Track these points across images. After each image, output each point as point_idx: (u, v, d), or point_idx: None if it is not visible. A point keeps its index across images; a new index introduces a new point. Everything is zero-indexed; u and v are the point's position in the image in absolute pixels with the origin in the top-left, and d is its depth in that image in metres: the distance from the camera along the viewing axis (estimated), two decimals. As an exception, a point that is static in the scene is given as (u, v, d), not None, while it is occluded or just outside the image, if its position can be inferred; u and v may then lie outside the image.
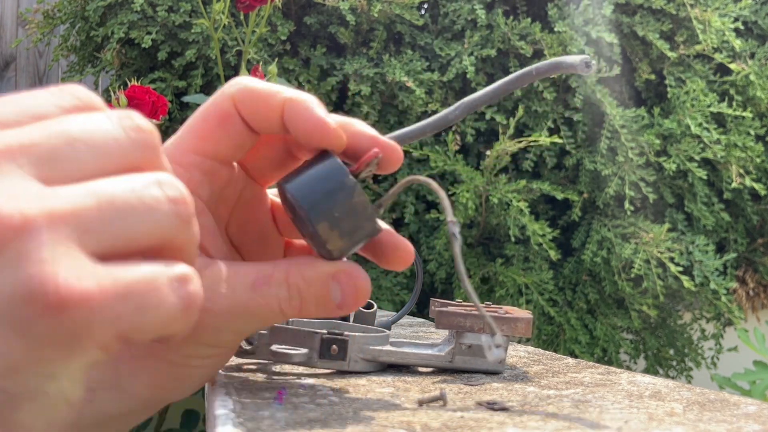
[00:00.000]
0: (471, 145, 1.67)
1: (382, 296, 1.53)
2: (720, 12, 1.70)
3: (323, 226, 0.29)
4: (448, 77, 1.58)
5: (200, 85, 1.53)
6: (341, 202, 0.29)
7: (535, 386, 0.38)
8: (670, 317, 1.76)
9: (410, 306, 0.57)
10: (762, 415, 0.32)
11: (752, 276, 1.94)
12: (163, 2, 1.50)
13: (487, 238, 1.68)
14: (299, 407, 0.31)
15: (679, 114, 1.64)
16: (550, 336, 1.60)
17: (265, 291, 0.30)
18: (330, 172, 0.30)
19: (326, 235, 0.29)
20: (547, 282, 1.57)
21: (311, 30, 1.64)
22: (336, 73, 1.58)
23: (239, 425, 0.28)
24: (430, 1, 1.70)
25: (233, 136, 0.31)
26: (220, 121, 0.31)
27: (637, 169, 1.61)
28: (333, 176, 0.29)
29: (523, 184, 1.51)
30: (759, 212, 1.82)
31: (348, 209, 0.29)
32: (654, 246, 1.54)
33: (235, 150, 0.32)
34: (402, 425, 0.28)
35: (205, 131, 0.31)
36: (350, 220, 0.29)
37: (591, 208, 1.70)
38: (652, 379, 0.41)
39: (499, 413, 0.31)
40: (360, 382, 0.37)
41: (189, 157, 0.31)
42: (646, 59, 1.71)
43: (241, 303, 0.30)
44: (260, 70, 0.96)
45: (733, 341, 1.87)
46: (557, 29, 1.58)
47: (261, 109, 0.30)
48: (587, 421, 0.30)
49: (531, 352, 0.52)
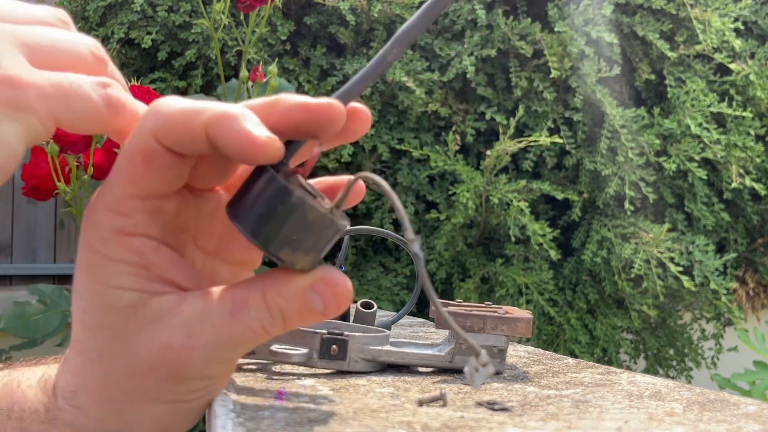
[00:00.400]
0: (471, 145, 1.67)
1: (382, 296, 1.53)
2: (720, 12, 1.70)
3: (285, 253, 0.28)
4: (448, 77, 1.58)
5: (200, 85, 1.53)
6: (295, 224, 0.28)
7: (535, 386, 0.38)
8: (670, 317, 1.76)
9: (410, 306, 0.57)
10: (762, 415, 0.32)
11: (752, 276, 1.94)
12: (163, 2, 1.50)
13: (487, 238, 1.68)
14: (299, 407, 0.31)
15: (679, 114, 1.64)
16: (550, 336, 1.60)
17: (244, 316, 0.29)
18: (274, 196, 0.28)
19: (291, 258, 0.28)
20: (547, 282, 1.57)
21: (311, 30, 1.64)
22: (336, 73, 1.58)
23: (239, 425, 0.28)
24: (430, 1, 1.70)
25: (165, 170, 0.29)
26: (146, 161, 0.29)
27: (637, 169, 1.61)
28: (279, 200, 0.27)
29: (523, 184, 1.51)
30: (759, 212, 1.82)
31: (304, 228, 0.28)
32: (654, 246, 1.54)
33: (172, 182, 0.30)
34: (402, 425, 0.28)
35: (134, 174, 0.29)
36: (309, 236, 0.28)
37: (591, 208, 1.70)
38: (652, 379, 0.41)
39: (499, 413, 0.31)
40: (360, 382, 0.37)
41: (127, 204, 0.29)
42: (646, 59, 1.71)
43: (223, 333, 0.29)
44: (260, 70, 0.96)
45: (733, 341, 1.87)
46: (557, 29, 1.58)
47: (183, 137, 0.28)
48: (587, 421, 0.30)
49: (531, 352, 0.52)
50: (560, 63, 1.59)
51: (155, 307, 0.29)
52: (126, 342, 0.29)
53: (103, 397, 0.31)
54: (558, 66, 1.58)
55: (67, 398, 0.31)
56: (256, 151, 0.27)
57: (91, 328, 0.30)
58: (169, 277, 0.30)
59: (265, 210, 0.28)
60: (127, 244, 0.29)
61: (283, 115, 0.29)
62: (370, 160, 1.62)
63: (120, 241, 0.29)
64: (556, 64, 1.57)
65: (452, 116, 1.64)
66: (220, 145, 0.28)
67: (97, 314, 0.30)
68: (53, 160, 0.72)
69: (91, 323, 0.30)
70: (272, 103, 0.30)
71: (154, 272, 0.30)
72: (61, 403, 0.31)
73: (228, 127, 0.27)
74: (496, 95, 1.65)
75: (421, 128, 1.65)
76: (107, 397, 0.30)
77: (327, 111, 0.29)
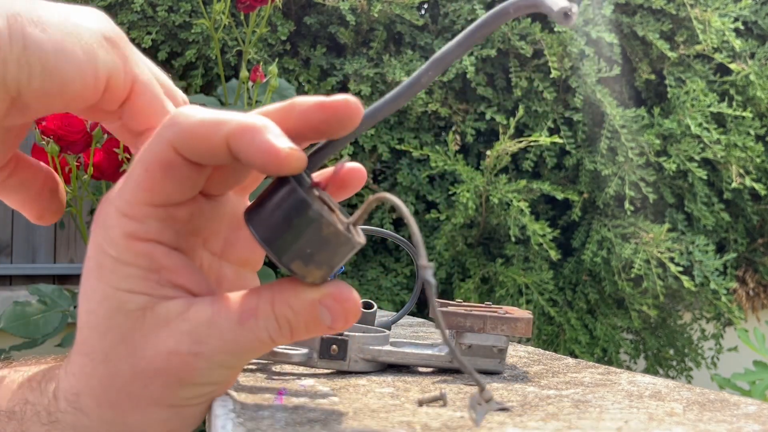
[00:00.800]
0: (471, 145, 1.67)
1: (382, 296, 1.53)
2: (720, 12, 1.70)
3: (297, 265, 0.28)
4: (448, 77, 1.58)
5: (200, 85, 1.53)
6: (310, 237, 0.27)
7: (535, 386, 0.38)
8: (670, 317, 1.76)
9: (410, 306, 0.57)
10: (762, 415, 0.32)
11: (752, 276, 1.94)
12: (163, 2, 1.50)
13: (487, 238, 1.68)
14: (299, 407, 0.31)
15: (679, 114, 1.64)
16: (550, 336, 1.60)
17: (252, 325, 0.29)
18: (292, 208, 0.27)
19: (302, 271, 0.28)
20: (547, 282, 1.57)
21: (311, 30, 1.64)
22: (336, 73, 1.58)
23: (239, 425, 0.28)
24: (430, 1, 1.70)
25: (181, 181, 0.29)
26: (163, 171, 0.29)
27: (637, 169, 1.61)
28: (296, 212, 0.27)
29: (523, 184, 1.51)
30: (759, 212, 1.82)
31: (319, 242, 0.28)
32: (654, 246, 1.54)
33: (188, 191, 0.30)
34: (402, 425, 0.28)
35: (150, 183, 0.29)
36: (323, 251, 0.28)
37: (591, 208, 1.70)
38: (652, 379, 0.40)
39: (499, 413, 0.31)
40: (360, 382, 0.37)
41: (141, 210, 0.29)
42: (646, 59, 1.71)
43: (230, 340, 0.29)
44: (260, 70, 0.96)
45: (733, 341, 1.87)
46: (557, 29, 1.58)
47: (204, 148, 0.28)
48: (587, 421, 0.30)
49: (531, 352, 0.52)
50: (560, 63, 1.59)
51: (163, 312, 0.29)
52: (133, 345, 0.29)
53: (107, 399, 0.31)
54: (558, 66, 1.58)
55: (69, 401, 0.31)
56: (279, 163, 0.27)
57: (97, 330, 0.30)
58: (178, 282, 0.30)
59: (281, 220, 0.28)
60: (137, 249, 0.29)
61: (301, 117, 0.29)
62: (370, 160, 1.62)
63: (131, 246, 0.29)
64: (556, 64, 1.57)
65: (452, 116, 1.64)
66: (242, 157, 0.28)
67: (104, 317, 0.30)
68: (53, 160, 0.72)
69: (97, 325, 0.30)
70: (289, 107, 0.30)
71: (163, 276, 0.30)
72: (63, 405, 0.31)
73: (250, 140, 0.27)
74: (496, 95, 1.65)
75: (421, 128, 1.65)
76: (111, 399, 0.30)
77: (344, 107, 0.29)
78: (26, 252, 2.19)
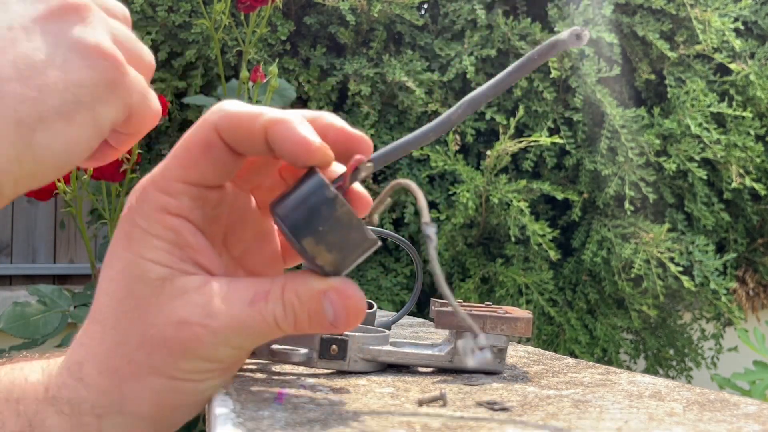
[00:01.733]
0: (471, 145, 1.67)
1: (382, 296, 1.53)
2: (720, 12, 1.70)
3: (308, 242, 0.29)
4: (448, 77, 1.58)
5: (200, 85, 1.53)
6: (324, 215, 0.29)
7: (535, 386, 0.38)
8: (670, 317, 1.76)
9: (410, 306, 0.57)
10: (762, 415, 0.32)
11: (752, 276, 1.94)
12: (163, 2, 1.50)
13: (487, 238, 1.68)
14: (299, 407, 0.31)
15: (679, 114, 1.64)
16: (550, 336, 1.60)
17: (262, 307, 0.30)
18: (311, 188, 0.30)
19: (313, 250, 0.30)
20: (547, 282, 1.57)
21: (311, 30, 1.64)
22: (336, 73, 1.58)
23: (239, 425, 0.28)
24: (430, 1, 1.70)
25: (218, 164, 0.31)
26: (203, 151, 0.31)
27: (637, 169, 1.61)
28: (314, 191, 0.30)
29: (523, 184, 1.51)
30: (759, 212, 1.82)
31: (332, 222, 0.29)
32: (654, 246, 1.54)
33: (222, 175, 0.32)
34: (402, 425, 0.28)
35: (189, 161, 0.31)
36: (336, 232, 0.29)
37: (591, 208, 1.70)
38: (652, 379, 0.40)
39: (499, 413, 0.31)
40: (360, 382, 0.37)
41: (176, 186, 0.31)
42: (646, 59, 1.71)
43: (239, 318, 0.30)
44: (260, 71, 0.96)
45: (733, 341, 1.87)
46: (557, 29, 1.58)
47: (243, 135, 0.31)
48: (587, 421, 0.30)
49: (531, 352, 0.52)
50: (560, 63, 1.59)
51: (181, 285, 0.31)
52: (146, 312, 0.31)
53: (108, 366, 0.32)
54: (558, 66, 1.58)
55: (72, 371, 0.32)
56: (310, 154, 0.30)
57: (115, 296, 0.32)
58: (200, 261, 0.32)
59: (300, 200, 0.30)
60: (167, 222, 0.31)
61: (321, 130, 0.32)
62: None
63: (161, 218, 0.31)
64: (556, 64, 1.57)
65: (452, 116, 1.63)
66: (277, 146, 0.30)
67: (124, 283, 0.31)
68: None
69: (116, 291, 0.32)
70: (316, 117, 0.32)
71: (187, 253, 0.31)
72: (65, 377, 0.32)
73: (286, 131, 0.30)
74: (496, 95, 1.65)
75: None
76: (112, 365, 0.32)
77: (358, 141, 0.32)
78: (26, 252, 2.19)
